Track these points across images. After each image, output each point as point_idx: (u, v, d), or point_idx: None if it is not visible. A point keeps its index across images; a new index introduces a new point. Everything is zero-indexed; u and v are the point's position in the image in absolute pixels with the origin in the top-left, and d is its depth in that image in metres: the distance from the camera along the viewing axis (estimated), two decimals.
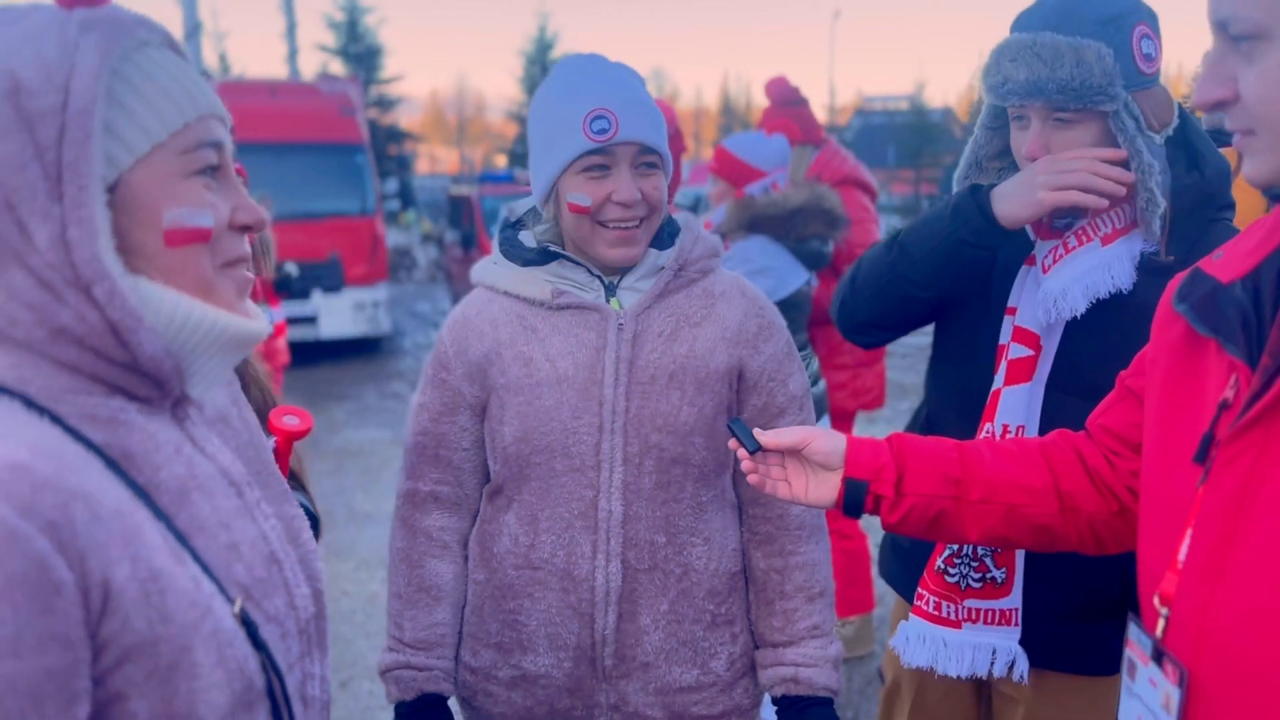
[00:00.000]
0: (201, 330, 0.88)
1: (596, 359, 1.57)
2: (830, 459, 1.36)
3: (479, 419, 1.65)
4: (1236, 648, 0.92)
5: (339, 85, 12.58)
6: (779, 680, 1.64)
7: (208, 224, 0.88)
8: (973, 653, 1.71)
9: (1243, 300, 1.01)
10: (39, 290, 0.81)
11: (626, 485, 1.57)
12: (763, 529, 1.67)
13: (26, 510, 0.73)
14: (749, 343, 1.64)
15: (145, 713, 0.80)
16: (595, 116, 1.49)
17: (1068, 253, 1.65)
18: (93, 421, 0.84)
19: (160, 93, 0.87)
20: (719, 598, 1.64)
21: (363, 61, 25.83)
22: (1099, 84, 1.58)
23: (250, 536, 0.93)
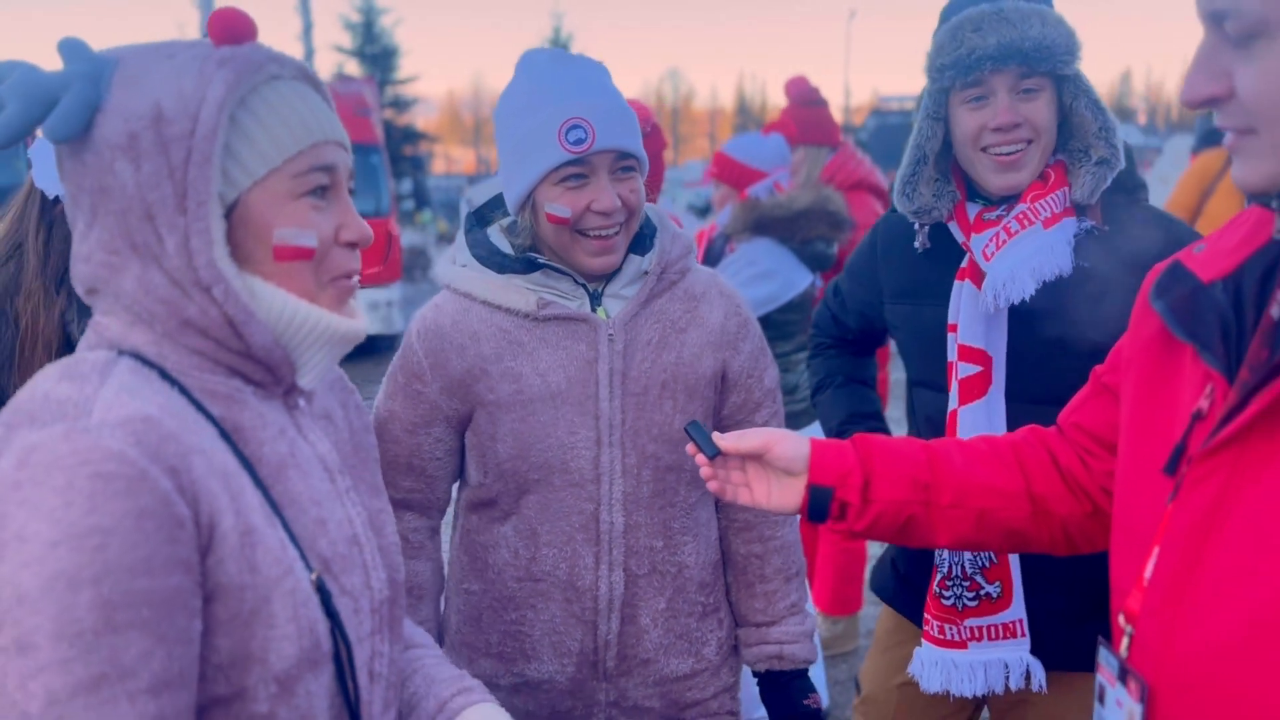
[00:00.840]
0: (306, 326, 1.01)
1: (589, 372, 1.55)
2: (793, 464, 1.29)
3: (455, 430, 1.64)
4: (1196, 671, 0.90)
5: (354, 86, 12.64)
6: (764, 657, 1.70)
7: (311, 244, 1.00)
8: (984, 670, 1.70)
9: (1223, 304, 0.97)
10: (171, 288, 0.95)
11: (627, 496, 1.58)
12: (741, 516, 1.72)
13: (155, 455, 0.87)
14: (730, 343, 1.65)
15: (226, 649, 0.91)
16: (571, 126, 1.46)
17: (1010, 237, 1.64)
18: (213, 396, 0.98)
19: (280, 123, 0.99)
20: (707, 588, 1.69)
21: (379, 62, 25.92)
22: (1065, 44, 1.59)
23: (337, 517, 1.04)
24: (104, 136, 0.94)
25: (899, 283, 1.85)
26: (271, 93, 1.00)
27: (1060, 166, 1.68)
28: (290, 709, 0.95)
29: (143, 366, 0.95)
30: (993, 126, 1.63)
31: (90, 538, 0.82)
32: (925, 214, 1.74)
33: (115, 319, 0.98)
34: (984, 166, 1.67)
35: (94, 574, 0.81)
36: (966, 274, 1.70)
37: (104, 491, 0.83)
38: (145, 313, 0.96)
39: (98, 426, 0.86)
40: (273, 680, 0.93)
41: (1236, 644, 0.87)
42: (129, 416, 0.88)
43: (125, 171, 0.94)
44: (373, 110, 11.87)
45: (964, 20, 1.62)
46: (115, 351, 0.96)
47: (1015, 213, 1.65)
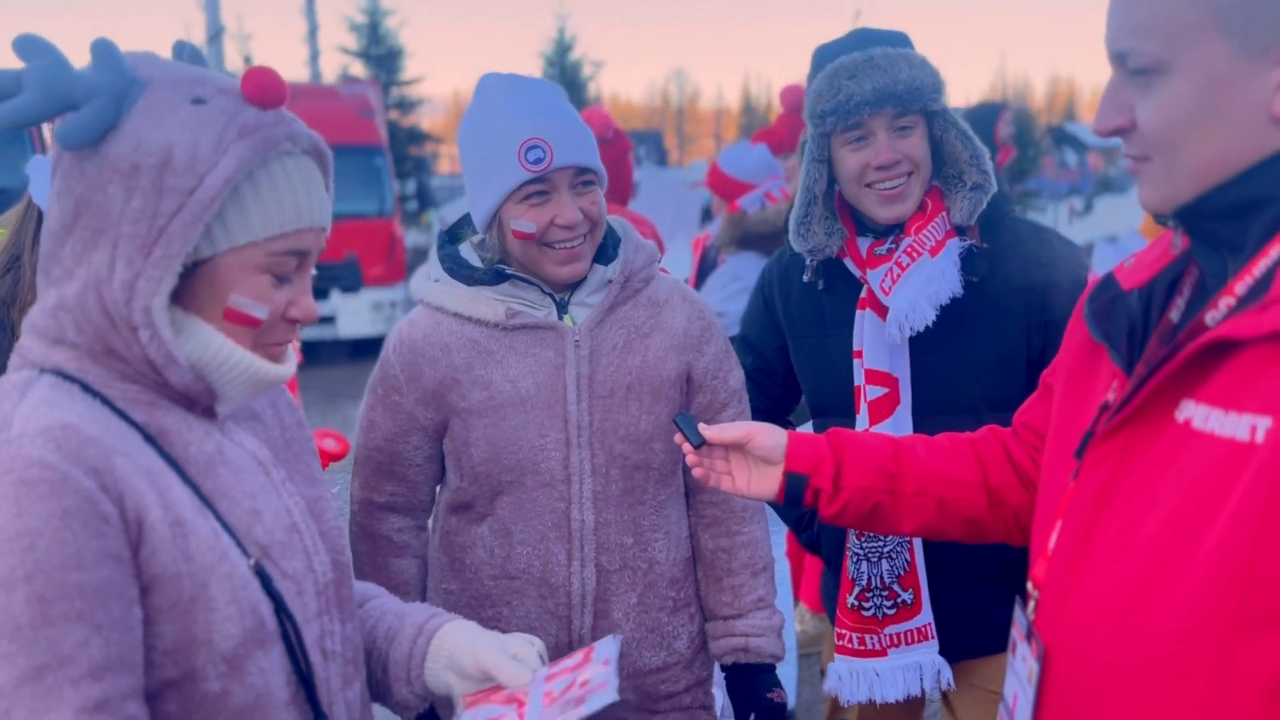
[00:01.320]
0: (236, 370, 1.05)
1: (557, 376, 1.62)
2: (772, 453, 1.39)
3: (432, 438, 1.71)
4: (1082, 633, 1.01)
5: (358, 88, 12.70)
6: (730, 650, 1.75)
7: (261, 316, 1.06)
8: (904, 675, 1.83)
9: (1134, 310, 1.08)
10: (102, 315, 1.00)
11: (596, 495, 1.64)
12: (709, 513, 1.78)
13: (75, 458, 0.92)
14: (694, 346, 1.72)
15: (170, 635, 0.97)
16: (530, 146, 1.54)
17: (903, 271, 1.75)
18: (135, 404, 1.03)
19: (275, 201, 1.03)
20: (678, 584, 1.74)
21: (384, 64, 25.97)
22: (931, 84, 1.72)
23: (273, 508, 1.09)
24: (109, 155, 0.97)
25: (801, 318, 1.95)
26: (279, 168, 1.04)
27: (936, 192, 1.81)
28: (244, 687, 1.01)
29: (64, 381, 1.00)
30: (875, 165, 1.74)
31: (19, 540, 0.87)
32: (819, 252, 1.85)
33: (36, 339, 1.03)
34: (871, 201, 1.78)
35: (26, 573, 0.87)
36: (867, 304, 1.81)
37: (29, 496, 0.89)
38: (74, 328, 1.00)
39: (18, 438, 0.92)
40: (220, 660, 0.99)
41: (1113, 607, 0.98)
42: (48, 425, 0.93)
43: (115, 195, 0.97)
44: (377, 112, 11.93)
45: (839, 69, 1.72)
46: (37, 370, 1.01)
47: (904, 246, 1.77)
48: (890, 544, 1.84)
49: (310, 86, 13.71)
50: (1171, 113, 0.97)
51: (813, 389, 1.96)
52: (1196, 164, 0.98)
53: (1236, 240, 0.99)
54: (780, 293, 1.99)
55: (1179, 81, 0.96)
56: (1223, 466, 0.91)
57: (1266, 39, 0.93)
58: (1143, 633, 0.96)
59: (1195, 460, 0.94)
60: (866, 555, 1.85)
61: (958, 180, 1.81)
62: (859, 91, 1.70)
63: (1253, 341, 0.92)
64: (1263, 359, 0.91)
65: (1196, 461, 0.94)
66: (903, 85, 1.70)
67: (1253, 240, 0.97)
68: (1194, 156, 0.97)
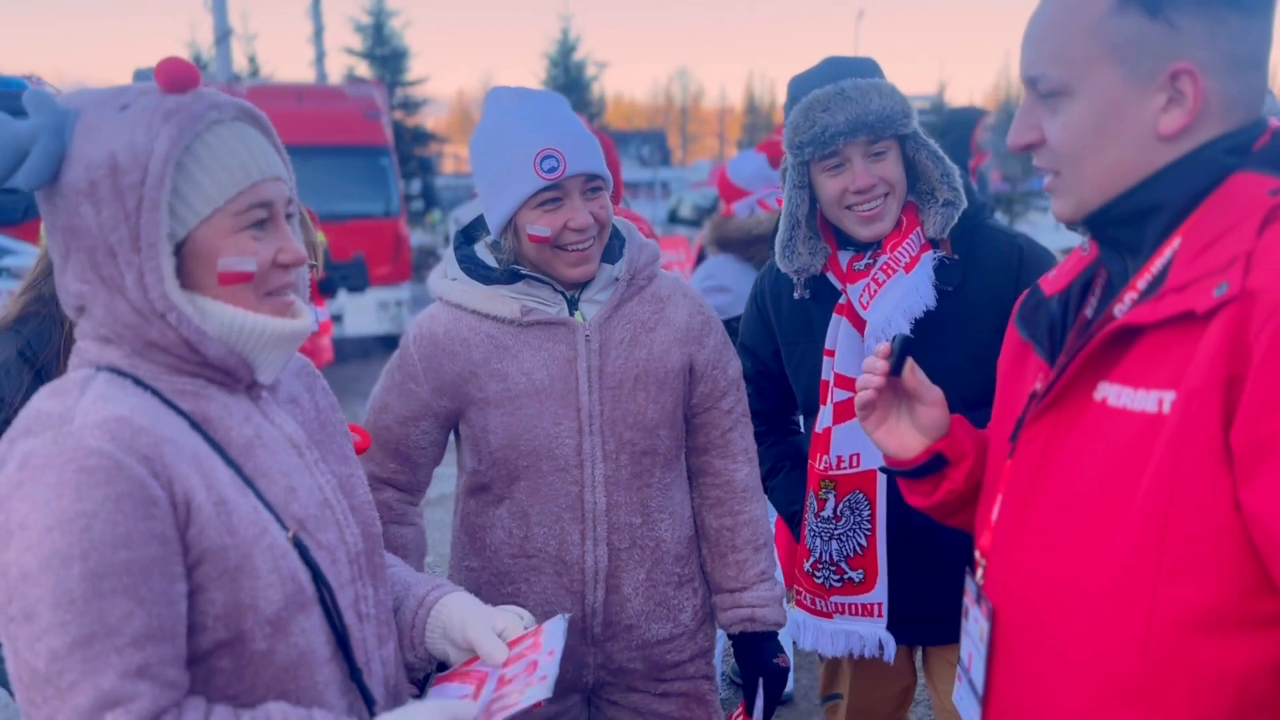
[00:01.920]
0: (255, 334, 1.15)
1: (570, 369, 1.74)
2: (933, 428, 1.37)
3: (442, 425, 1.83)
4: (1028, 590, 1.15)
5: (364, 89, 12.76)
6: (738, 620, 1.88)
7: (250, 268, 1.15)
8: (845, 638, 2.01)
9: (1054, 311, 1.23)
10: (134, 314, 1.10)
11: (607, 479, 1.76)
12: (713, 494, 1.90)
13: (129, 448, 1.03)
14: (696, 339, 1.84)
15: (221, 601, 1.08)
16: (545, 156, 1.66)
17: (879, 287, 1.88)
18: (181, 394, 1.14)
19: (221, 167, 1.12)
20: (683, 560, 1.87)
21: (388, 64, 26.05)
22: (902, 110, 1.84)
23: (307, 485, 1.21)
24: (69, 183, 1.07)
25: (792, 327, 2.08)
26: (213, 138, 1.12)
27: (911, 208, 1.93)
28: (289, 646, 1.12)
29: (118, 377, 1.11)
30: (854, 190, 1.86)
31: (78, 521, 0.98)
32: (804, 270, 1.97)
33: (91, 342, 1.14)
34: (851, 222, 1.91)
35: (82, 550, 0.97)
36: (844, 311, 1.94)
37: (87, 482, 0.99)
38: (114, 335, 1.12)
39: (79, 430, 1.02)
40: (266, 623, 1.10)
41: (1052, 567, 1.11)
42: (105, 418, 1.04)
43: (89, 214, 1.07)
44: (382, 113, 12.00)
45: (813, 102, 1.84)
46: (94, 368, 1.12)
47: (880, 263, 1.90)
48: (841, 528, 1.99)
49: (317, 87, 13.79)
50: (1074, 130, 1.11)
51: (803, 391, 2.09)
52: (1097, 176, 1.11)
53: (1135, 243, 1.13)
54: (772, 303, 2.13)
55: (1081, 104, 1.10)
56: (1138, 437, 1.04)
57: (1152, 68, 1.06)
58: (1079, 587, 1.08)
59: (1113, 433, 1.06)
60: (820, 533, 2.02)
61: (930, 196, 1.94)
62: (833, 123, 1.82)
63: (1153, 327, 1.05)
64: (1164, 342, 1.04)
65: (1115, 434, 1.06)
66: (874, 115, 1.82)
67: (1149, 242, 1.11)
68: (1095, 169, 1.11)
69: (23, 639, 0.97)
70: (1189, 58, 1.05)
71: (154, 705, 0.99)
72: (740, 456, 1.92)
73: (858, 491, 1.96)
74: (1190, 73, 1.05)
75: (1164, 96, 1.07)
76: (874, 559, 1.97)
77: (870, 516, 1.97)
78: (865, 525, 1.97)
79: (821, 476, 1.99)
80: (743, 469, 1.92)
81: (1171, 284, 1.04)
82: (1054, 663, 1.12)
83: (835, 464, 1.96)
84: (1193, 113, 1.06)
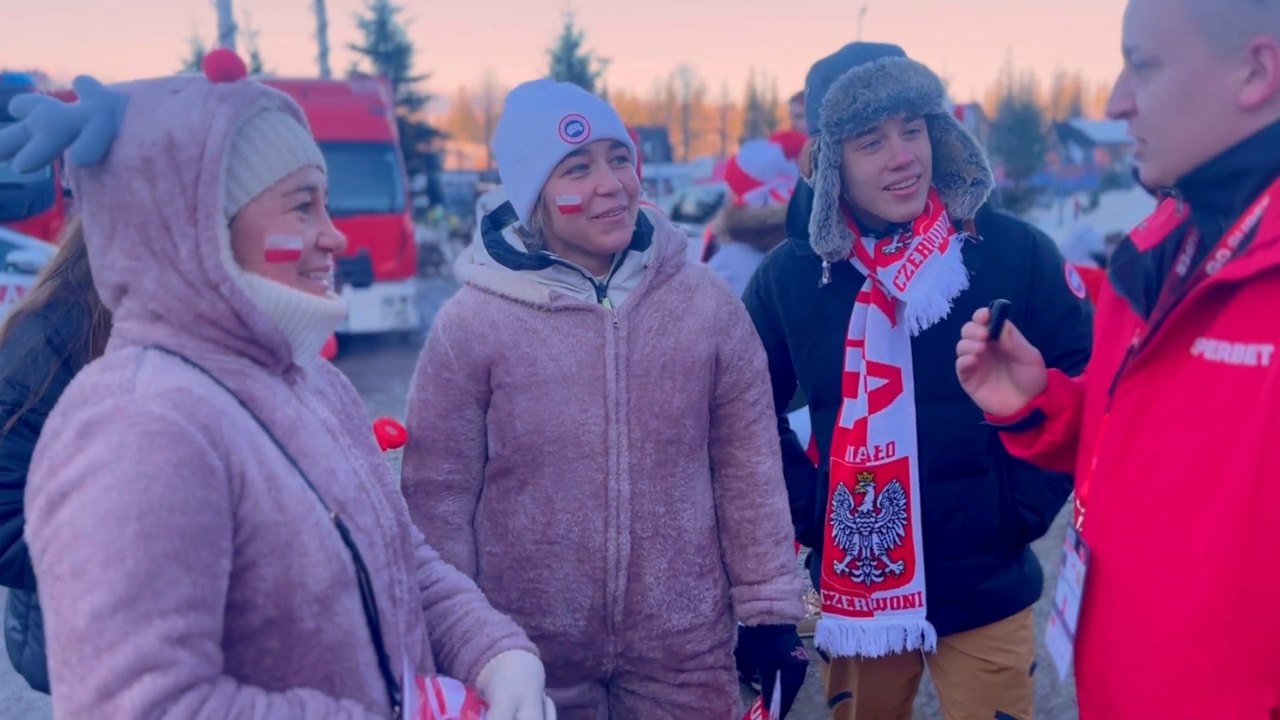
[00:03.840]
0: (299, 310, 1.19)
1: (597, 356, 1.74)
2: (1032, 386, 1.45)
3: (483, 411, 1.81)
4: (1124, 534, 1.22)
5: (369, 84, 12.77)
6: (756, 613, 1.86)
7: (297, 246, 1.19)
8: (887, 634, 2.00)
9: (1149, 267, 1.29)
10: (185, 287, 1.13)
11: (632, 467, 1.76)
12: (735, 485, 1.89)
13: (190, 416, 1.05)
14: (723, 329, 1.84)
15: (271, 578, 1.09)
16: (569, 121, 1.67)
17: (916, 268, 1.88)
18: (228, 373, 1.16)
19: (271, 149, 1.17)
20: (704, 551, 1.86)
21: (392, 60, 26.06)
22: (936, 89, 1.86)
23: (344, 469, 1.22)
24: (121, 160, 1.10)
25: (802, 316, 2.05)
26: (264, 123, 1.18)
27: (933, 192, 1.94)
28: (334, 625, 1.13)
29: (166, 355, 1.13)
30: (892, 167, 1.86)
31: (137, 482, 0.98)
32: (836, 253, 1.96)
33: (135, 321, 1.15)
34: (886, 202, 1.90)
35: (139, 511, 0.98)
36: (870, 298, 1.94)
37: (149, 446, 1.00)
38: (164, 309, 1.13)
39: (141, 398, 1.04)
40: (314, 600, 1.11)
41: (1147, 513, 1.18)
42: (166, 388, 1.06)
43: (142, 189, 1.10)
44: (387, 109, 12.00)
45: (854, 78, 1.85)
46: (141, 347, 1.13)
47: (915, 245, 1.90)
48: (882, 520, 1.98)
49: (323, 83, 13.79)
50: (1161, 100, 1.17)
51: (816, 383, 2.07)
52: (1181, 143, 1.17)
53: (1226, 203, 1.19)
54: (779, 294, 2.09)
55: (1169, 74, 1.16)
56: (1238, 390, 1.09)
57: (1236, 42, 1.13)
58: (1176, 529, 1.15)
59: (1213, 386, 1.12)
60: (859, 529, 1.99)
61: (956, 178, 1.95)
62: (875, 99, 1.83)
63: (1247, 281, 1.10)
64: (1259, 297, 1.10)
65: (1214, 387, 1.12)
66: (914, 91, 1.83)
67: (1239, 202, 1.17)
68: (1179, 137, 1.17)
69: (67, 597, 0.96)
70: (1271, 32, 1.11)
71: (191, 675, 0.98)
72: (764, 449, 1.90)
73: (895, 481, 1.95)
74: (1271, 47, 1.11)
75: (1247, 69, 1.13)
76: (911, 548, 1.97)
77: (906, 505, 1.96)
78: (902, 515, 1.97)
79: (858, 470, 1.97)
80: (766, 461, 1.90)
81: (1261, 240, 1.10)
82: (1147, 601, 1.18)
83: (874, 454, 1.95)
84: (1274, 85, 1.12)
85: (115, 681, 0.95)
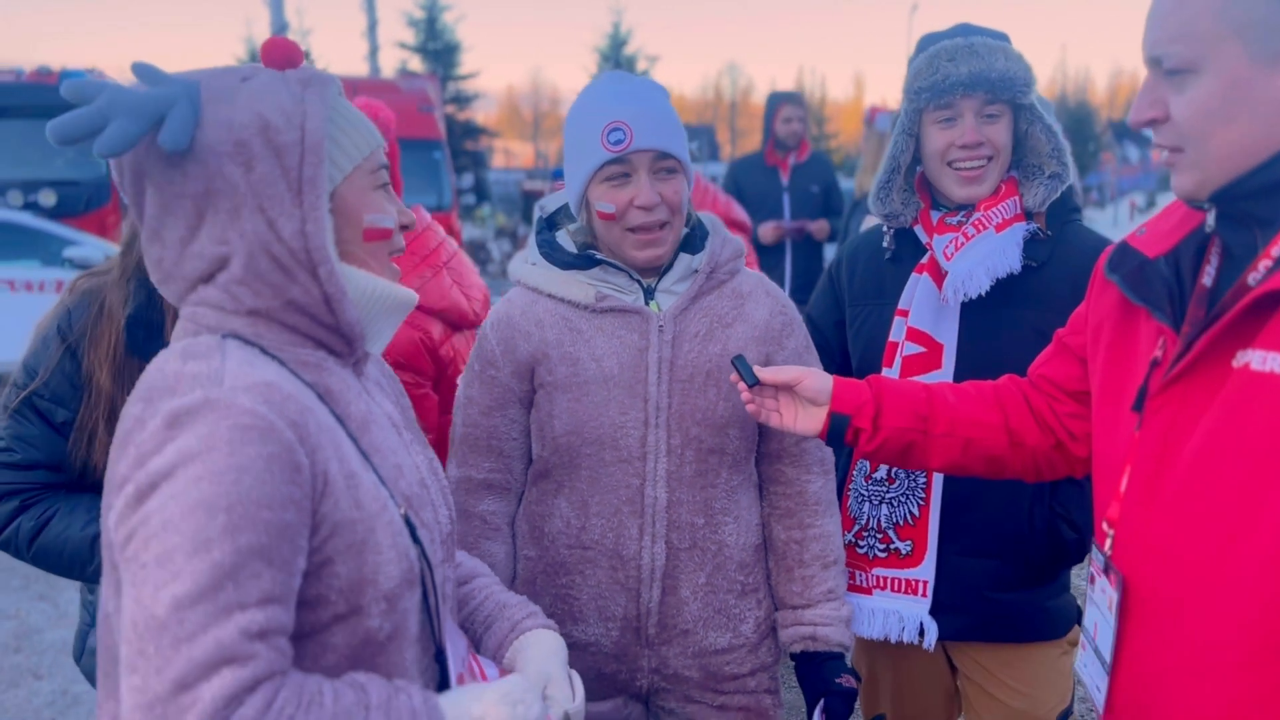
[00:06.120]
0: (383, 298, 1.20)
1: (640, 359, 1.69)
2: (819, 396, 1.58)
3: (526, 411, 1.77)
4: (1165, 554, 1.15)
5: (418, 82, 12.85)
6: (799, 638, 1.79)
7: (390, 224, 1.21)
8: (883, 617, 1.92)
9: (1166, 274, 1.24)
10: (277, 272, 1.11)
11: (670, 474, 1.70)
12: (783, 504, 1.82)
13: (280, 412, 1.04)
14: (775, 339, 1.78)
15: (345, 575, 1.08)
16: (612, 129, 1.63)
17: (967, 241, 1.84)
18: (305, 366, 1.15)
19: (354, 128, 1.18)
20: (747, 569, 1.79)
21: (440, 58, 26.25)
22: (1024, 77, 1.82)
23: (408, 464, 1.22)
24: (208, 145, 1.08)
25: (863, 287, 2.03)
26: (341, 104, 1.19)
27: (1012, 181, 1.90)
28: (395, 622, 1.13)
29: (245, 345, 1.11)
30: (960, 144, 1.84)
31: (228, 474, 0.98)
32: (894, 218, 1.96)
33: (209, 309, 1.13)
34: (950, 179, 1.88)
35: (228, 503, 0.97)
36: (925, 268, 1.90)
37: (241, 439, 0.99)
38: (252, 292, 1.11)
39: (231, 390, 1.03)
40: (382, 598, 1.10)
41: (1190, 534, 1.13)
42: (255, 382, 1.05)
43: (235, 174, 1.08)
44: (436, 107, 12.07)
45: (940, 50, 1.84)
46: (218, 335, 1.11)
47: (972, 219, 1.86)
48: (895, 491, 1.90)
49: (372, 81, 13.91)
50: (1200, 107, 1.14)
51: (862, 354, 2.02)
52: (1221, 152, 1.14)
53: (1268, 215, 1.15)
54: (847, 268, 2.08)
55: (1207, 82, 1.13)
56: None
57: (1278, 47, 1.10)
58: (1223, 550, 1.09)
59: (1260, 397, 1.09)
60: (869, 497, 1.93)
61: (1036, 169, 1.91)
62: (955, 73, 1.82)
63: None
64: None
65: (1262, 398, 1.09)
66: (996, 73, 1.81)
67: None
68: (1220, 145, 1.14)
69: (150, 584, 0.95)
70: None
71: (267, 669, 0.98)
72: (815, 467, 1.83)
73: None
74: None
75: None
76: (924, 531, 1.88)
77: (926, 485, 1.88)
78: (919, 493, 1.89)
79: None
80: (816, 480, 1.82)
81: None
82: (1193, 628, 1.13)
83: None
84: None
85: (194, 673, 0.93)
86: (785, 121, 5.50)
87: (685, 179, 1.70)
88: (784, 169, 5.57)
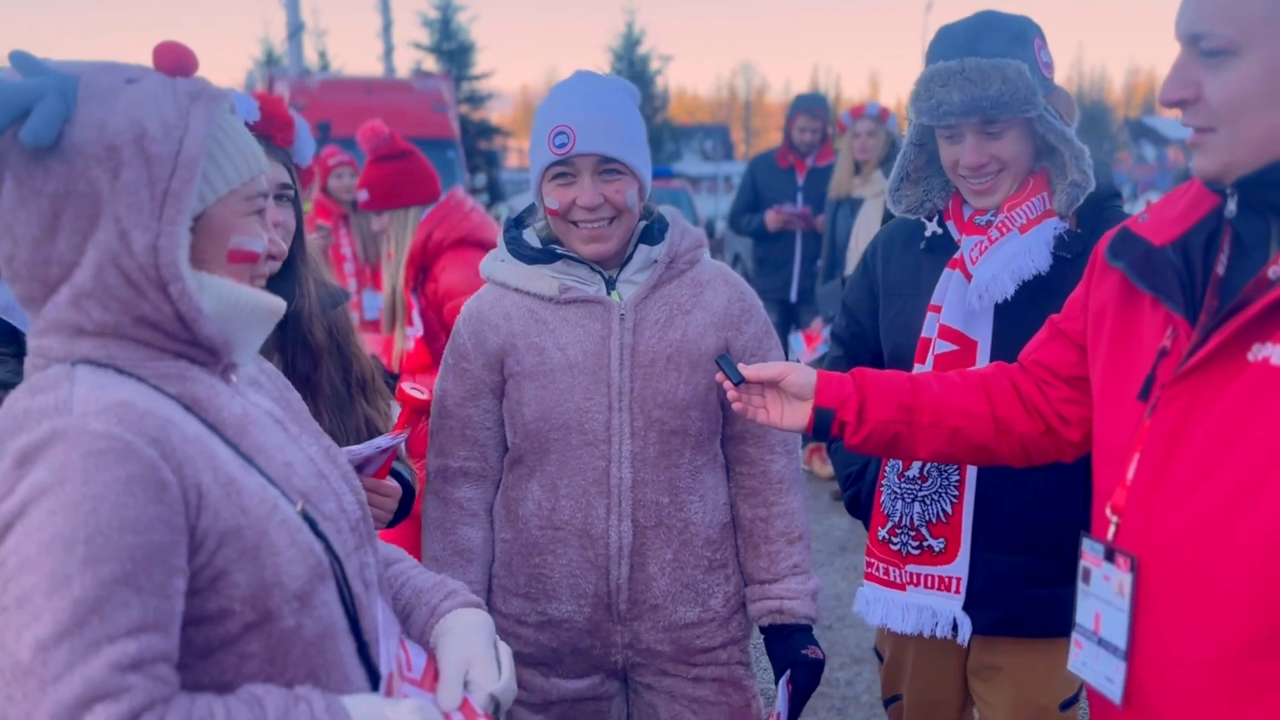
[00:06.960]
0: (248, 307, 1.16)
1: (603, 346, 1.79)
2: (803, 391, 1.60)
3: (499, 401, 1.86)
4: (1173, 541, 1.16)
5: (432, 82, 12.91)
6: (766, 611, 1.87)
7: (259, 249, 1.18)
8: (917, 613, 1.93)
9: (1176, 262, 1.22)
10: (126, 286, 1.06)
11: (634, 455, 1.79)
12: (748, 484, 1.91)
13: (137, 430, 0.99)
14: (734, 325, 1.86)
15: (245, 583, 1.05)
16: (557, 132, 1.73)
17: (991, 244, 1.84)
18: (167, 378, 1.10)
19: (237, 151, 1.15)
20: (714, 545, 1.87)
21: (455, 58, 26.33)
22: (1024, 95, 1.77)
23: (299, 459, 1.19)
24: (76, 145, 1.03)
25: (899, 277, 2.03)
26: (228, 124, 1.15)
27: (1042, 176, 1.88)
28: (315, 620, 1.11)
29: (98, 369, 1.06)
30: (964, 164, 1.85)
31: (84, 504, 0.94)
32: (919, 208, 1.97)
33: (54, 338, 1.07)
34: (964, 190, 1.91)
35: (86, 534, 0.93)
36: (957, 264, 1.90)
37: (95, 466, 0.95)
38: (100, 309, 1.06)
39: (81, 417, 0.98)
40: (293, 598, 1.08)
41: (1201, 522, 1.14)
42: (109, 403, 1.01)
43: (99, 179, 1.03)
44: (449, 107, 12.12)
45: (934, 74, 1.82)
46: (67, 364, 1.06)
47: (996, 222, 1.87)
48: (928, 489, 1.92)
49: (386, 81, 13.99)
50: (1239, 90, 1.12)
51: (894, 345, 2.03)
52: (1255, 137, 1.13)
53: None
54: (882, 257, 2.09)
55: (1247, 63, 1.11)
56: None
57: None
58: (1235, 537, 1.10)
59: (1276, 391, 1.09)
60: (902, 495, 1.94)
61: (1062, 171, 1.88)
62: (948, 100, 1.80)
63: None
64: None
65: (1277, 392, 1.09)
66: (989, 100, 1.78)
67: None
68: (1255, 130, 1.12)
69: (12, 629, 0.91)
70: None
71: (145, 700, 0.94)
72: (778, 447, 1.91)
73: None
74: None
75: None
76: (958, 528, 1.89)
77: (959, 482, 1.89)
78: (953, 491, 1.90)
79: None
80: (779, 460, 1.91)
81: None
82: (1202, 615, 1.14)
83: None
84: None
85: (65, 715, 0.89)
86: (800, 131, 5.86)
87: (634, 179, 1.78)
88: (800, 169, 5.90)
